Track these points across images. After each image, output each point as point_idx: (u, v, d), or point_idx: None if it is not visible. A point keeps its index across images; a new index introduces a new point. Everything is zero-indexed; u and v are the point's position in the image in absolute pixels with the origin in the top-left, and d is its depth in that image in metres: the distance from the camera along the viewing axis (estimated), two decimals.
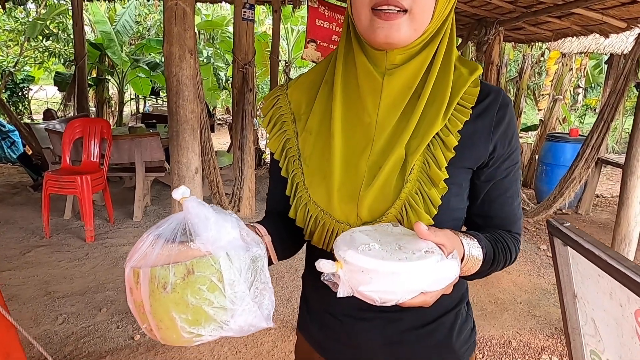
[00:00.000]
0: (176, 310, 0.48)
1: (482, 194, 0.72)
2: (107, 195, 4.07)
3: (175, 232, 0.51)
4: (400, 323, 0.75)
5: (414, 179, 0.66)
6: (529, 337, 2.58)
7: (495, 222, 0.73)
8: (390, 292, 0.51)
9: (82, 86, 5.82)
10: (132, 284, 0.51)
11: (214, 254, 0.49)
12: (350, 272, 0.52)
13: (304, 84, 0.78)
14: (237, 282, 0.50)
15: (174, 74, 2.12)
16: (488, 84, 0.71)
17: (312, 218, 0.72)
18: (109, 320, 2.56)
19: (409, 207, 0.66)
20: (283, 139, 0.77)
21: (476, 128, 0.68)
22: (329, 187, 0.69)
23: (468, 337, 0.79)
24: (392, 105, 0.68)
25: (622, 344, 0.59)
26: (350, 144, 0.69)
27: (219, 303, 0.49)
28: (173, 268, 0.48)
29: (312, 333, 0.84)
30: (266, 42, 8.82)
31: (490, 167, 0.70)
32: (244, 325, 0.51)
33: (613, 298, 0.58)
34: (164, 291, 0.48)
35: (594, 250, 0.57)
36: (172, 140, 2.22)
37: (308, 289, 0.86)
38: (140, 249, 0.51)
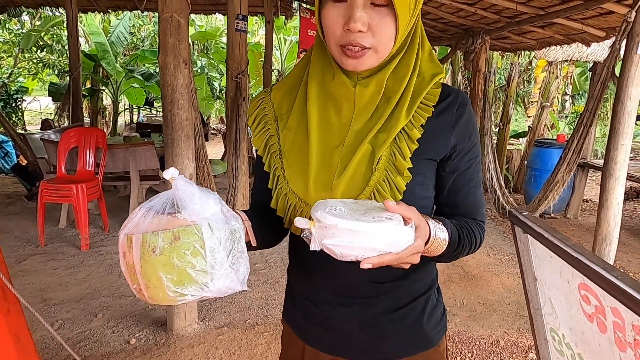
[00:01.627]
0: (163, 271, 0.54)
1: (447, 185, 0.79)
2: (102, 204, 4.11)
3: (164, 205, 0.58)
4: (374, 308, 0.81)
5: (382, 168, 0.73)
6: (516, 336, 2.65)
7: (461, 210, 0.80)
8: (349, 247, 0.58)
9: (77, 96, 5.87)
10: (125, 249, 0.57)
11: (198, 223, 0.56)
12: (319, 228, 0.60)
13: (285, 87, 0.85)
14: (217, 249, 0.57)
15: (169, 83, 2.19)
16: (449, 86, 0.79)
17: (291, 207, 0.78)
18: (104, 325, 2.60)
19: (377, 193, 0.73)
20: (266, 136, 0.84)
21: (438, 124, 0.75)
22: (306, 178, 0.76)
23: (439, 321, 0.85)
24: (363, 108, 0.76)
25: (571, 317, 0.66)
26: (326, 139, 0.77)
27: (200, 267, 0.55)
28: (162, 234, 0.55)
29: (295, 320, 0.91)
30: (259, 52, 8.93)
31: (454, 160, 0.77)
32: (222, 288, 0.58)
33: (562, 276, 0.65)
34: (153, 254, 0.54)
35: (545, 235, 0.65)
36: (167, 148, 2.28)
37: (292, 280, 0.93)
38: (133, 219, 0.58)
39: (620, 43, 2.35)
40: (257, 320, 2.69)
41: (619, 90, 2.31)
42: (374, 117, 0.75)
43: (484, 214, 0.83)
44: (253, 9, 5.96)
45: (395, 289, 0.81)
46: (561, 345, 0.72)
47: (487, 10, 3.84)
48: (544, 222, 0.67)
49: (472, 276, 3.47)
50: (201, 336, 2.49)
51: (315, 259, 0.80)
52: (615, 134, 2.33)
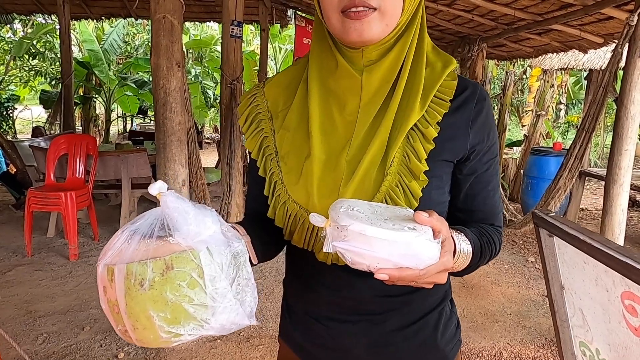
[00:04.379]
0: (154, 308, 0.45)
1: (464, 189, 0.72)
2: (92, 213, 4.00)
3: (152, 227, 0.48)
4: (384, 325, 0.73)
5: (394, 171, 0.66)
6: (519, 348, 2.57)
7: (478, 216, 0.73)
8: (360, 254, 0.50)
9: (69, 104, 5.79)
10: (105, 282, 0.48)
11: (194, 248, 0.47)
12: (333, 229, 0.53)
13: (281, 82, 0.77)
14: (218, 278, 0.48)
15: (162, 85, 2.12)
16: (465, 78, 0.72)
17: (291, 217, 0.71)
18: (92, 339, 2.48)
19: (390, 200, 0.65)
20: (260, 137, 0.76)
21: (455, 121, 0.68)
22: (308, 184, 0.68)
23: (453, 335, 0.78)
24: (371, 102, 0.68)
25: (610, 330, 0.59)
26: (329, 141, 0.69)
27: (199, 300, 0.46)
28: (151, 264, 0.46)
29: (295, 339, 0.82)
30: (254, 61, 8.92)
31: (472, 160, 0.70)
32: (225, 324, 0.49)
33: (599, 284, 0.58)
34: (140, 288, 0.45)
35: (578, 236, 0.58)
36: (159, 153, 2.21)
37: (291, 294, 0.84)
38: (114, 246, 0.49)
39: (622, 47, 2.32)
40: (251, 333, 2.58)
41: (622, 94, 2.28)
42: (381, 111, 0.67)
43: (501, 219, 0.76)
44: (248, 17, 5.94)
45: (407, 304, 0.73)
46: None
47: (484, 17, 3.82)
48: (576, 223, 0.60)
49: (472, 286, 3.40)
50: (193, 350, 2.38)
51: (317, 271, 0.72)
52: (619, 139, 2.29)
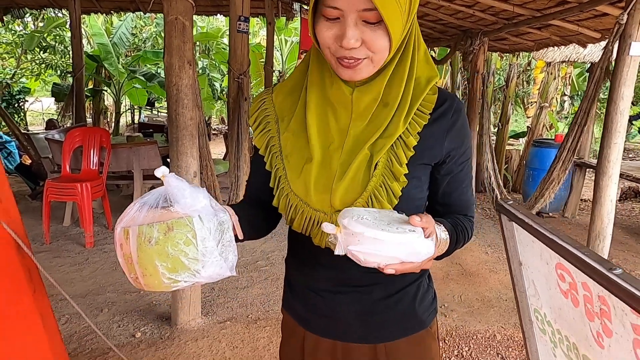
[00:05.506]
0: (159, 259, 0.59)
1: (442, 187, 0.84)
2: (106, 203, 4.17)
3: (157, 200, 0.63)
4: (371, 295, 0.87)
5: (379, 174, 0.77)
6: (512, 331, 2.71)
7: (453, 209, 0.85)
8: (373, 255, 0.63)
9: (80, 97, 5.93)
10: (122, 241, 0.62)
11: (189, 215, 0.61)
12: (346, 235, 0.64)
13: (286, 89, 0.88)
14: (207, 238, 0.61)
15: (174, 83, 2.26)
16: (444, 91, 0.82)
17: (292, 207, 0.82)
18: (110, 320, 2.66)
19: (374, 197, 0.77)
20: (267, 137, 0.87)
21: (433, 130, 0.79)
22: (307, 181, 0.80)
23: (429, 305, 0.91)
24: (361, 114, 0.79)
25: (550, 296, 0.72)
26: (325, 144, 0.80)
27: (192, 255, 0.60)
28: (157, 226, 0.59)
29: (295, 309, 0.95)
30: (260, 53, 9.00)
31: (448, 163, 0.81)
32: (212, 274, 0.63)
33: (542, 258, 0.71)
34: (149, 244, 0.59)
35: (526, 220, 0.71)
36: (172, 146, 2.35)
37: (291, 271, 0.97)
38: (129, 213, 0.63)
39: (613, 44, 2.41)
40: (259, 315, 2.75)
41: (612, 91, 2.37)
42: (372, 123, 0.78)
43: (473, 210, 0.89)
44: (254, 10, 6.03)
45: (390, 278, 0.84)
46: (543, 324, 0.77)
47: (484, 12, 3.90)
48: (527, 210, 0.73)
49: (470, 273, 3.53)
50: (205, 330, 2.55)
51: (315, 253, 0.85)
52: (608, 133, 2.39)
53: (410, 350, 0.88)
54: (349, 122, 0.79)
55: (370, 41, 0.69)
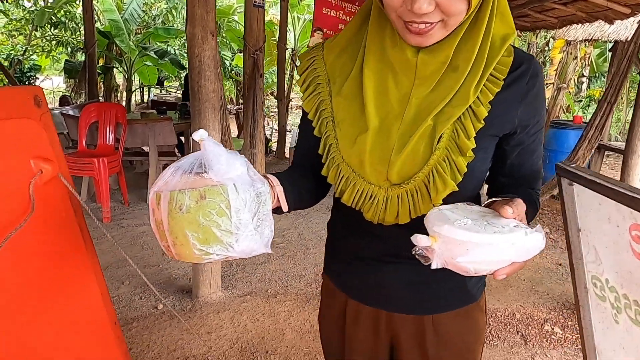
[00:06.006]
0: (189, 228, 0.55)
1: (510, 158, 0.76)
2: (122, 178, 4.19)
3: (192, 165, 0.58)
4: (422, 267, 0.82)
5: (443, 147, 0.69)
6: (532, 309, 2.70)
7: (520, 181, 0.77)
8: (485, 262, 0.55)
9: (93, 73, 5.92)
10: (154, 206, 0.58)
11: (223, 183, 0.56)
12: (446, 245, 0.56)
13: (339, 46, 0.80)
14: (242, 210, 0.56)
15: (197, 54, 2.22)
16: (520, 51, 0.72)
17: (343, 178, 0.77)
18: (132, 292, 2.69)
19: (436, 173, 0.70)
20: (317, 100, 0.80)
21: (506, 97, 0.69)
22: (361, 151, 0.73)
23: (480, 278, 0.88)
24: (425, 80, 0.70)
25: (618, 260, 0.70)
26: (383, 112, 0.72)
27: (225, 227, 0.55)
28: (188, 192, 0.55)
29: (339, 275, 0.92)
30: (271, 31, 8.87)
31: (519, 134, 0.73)
32: (245, 249, 0.58)
33: (611, 221, 0.69)
34: (179, 211, 0.55)
35: (595, 180, 0.68)
36: (193, 119, 2.33)
37: (336, 236, 0.93)
38: (162, 178, 0.59)
39: None
40: (278, 290, 2.76)
41: None
42: (437, 89, 0.70)
43: (540, 182, 0.82)
44: None
45: None
46: (603, 291, 0.76)
47: None
48: (593, 170, 0.71)
49: None
50: (226, 303, 2.57)
51: (365, 224, 0.80)
52: None
53: (458, 323, 0.86)
54: (411, 88, 0.71)
55: (445, 4, 0.61)
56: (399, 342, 0.88)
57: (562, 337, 2.43)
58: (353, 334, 0.91)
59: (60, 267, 0.69)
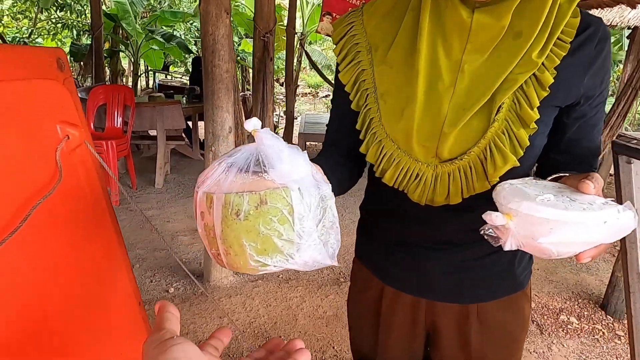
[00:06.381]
0: (247, 237, 0.48)
1: (568, 133, 0.69)
2: (130, 162, 4.15)
3: (248, 161, 0.50)
4: (465, 253, 0.77)
5: (502, 118, 0.63)
6: (547, 299, 2.66)
7: (577, 159, 0.70)
8: (570, 243, 0.49)
9: (99, 56, 5.85)
10: (204, 208, 0.51)
11: (287, 187, 0.49)
12: (524, 223, 0.50)
13: (381, 10, 0.73)
14: (306, 217, 0.50)
15: (210, 32, 2.15)
16: (586, 13, 0.66)
17: (386, 156, 0.71)
18: (142, 275, 2.67)
19: (494, 147, 0.64)
20: (357, 70, 0.73)
21: (572, 63, 0.63)
22: (409, 125, 0.67)
23: (527, 264, 0.83)
24: (480, 46, 0.63)
25: None
26: (433, 81, 0.66)
27: (287, 235, 0.49)
28: (247, 196, 0.48)
29: (374, 260, 0.87)
30: (279, 16, 8.73)
31: (582, 105, 0.66)
32: (308, 260, 0.51)
33: None
34: (236, 218, 0.48)
35: None
36: (206, 99, 2.27)
37: (372, 219, 0.87)
38: (213, 175, 0.51)
39: None
40: (289, 276, 2.73)
41: None
42: (495, 57, 0.63)
43: (598, 161, 0.75)
44: None
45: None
46: None
47: None
48: None
49: None
50: (237, 288, 2.55)
51: (406, 207, 0.75)
52: None
53: (504, 312, 0.81)
54: (462, 54, 0.64)
55: None
56: (438, 330, 0.83)
57: (579, 327, 2.39)
58: (388, 322, 0.86)
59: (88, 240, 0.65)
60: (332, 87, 1.12)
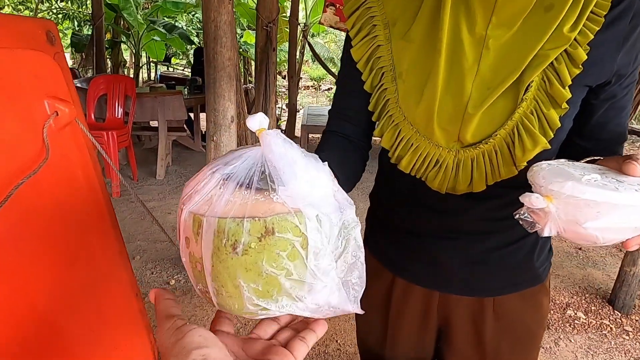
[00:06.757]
0: (245, 277, 0.38)
1: (596, 115, 0.65)
2: (131, 153, 4.11)
3: (251, 174, 0.39)
4: (483, 243, 0.73)
5: (530, 97, 0.59)
6: (553, 294, 2.62)
7: (602, 144, 0.66)
8: (619, 229, 0.44)
9: (100, 47, 5.79)
10: (190, 233, 0.40)
11: (302, 212, 0.38)
12: (567, 206, 0.44)
13: None
14: (323, 251, 0.39)
15: (212, 19, 2.10)
16: None
17: (403, 140, 0.66)
18: (143, 267, 2.64)
19: (523, 128, 0.59)
20: (372, 46, 0.67)
21: (605, 39, 0.58)
22: (430, 106, 0.62)
23: (546, 257, 0.79)
24: (507, 20, 0.58)
25: None
26: (455, 60, 0.61)
27: (298, 274, 0.38)
28: (248, 224, 0.37)
29: (384, 251, 0.82)
30: (282, 7, 8.64)
31: (613, 85, 0.62)
32: (322, 305, 0.41)
33: None
34: (232, 252, 0.37)
35: None
36: (208, 88, 2.22)
37: (384, 210, 0.83)
38: (203, 189, 0.40)
39: None
40: None
41: None
42: (523, 32, 0.58)
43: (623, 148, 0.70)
44: None
45: (510, 226, 0.72)
46: None
47: None
48: None
49: None
50: None
51: (423, 195, 0.71)
52: None
53: (522, 306, 0.77)
54: (486, 29, 0.59)
55: None
56: (451, 325, 0.79)
57: (586, 322, 2.35)
58: (399, 316, 0.82)
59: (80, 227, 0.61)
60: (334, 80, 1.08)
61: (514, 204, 0.70)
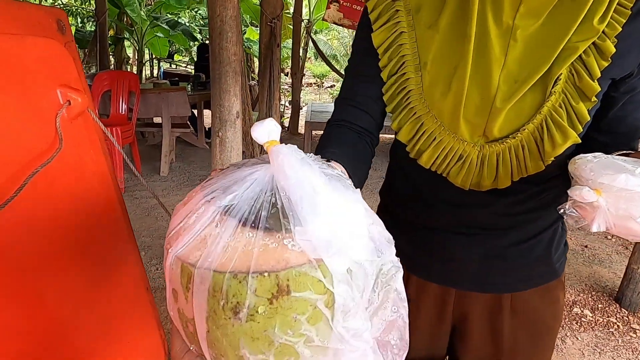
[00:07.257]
0: (251, 347, 0.29)
1: (614, 109, 0.63)
2: (135, 149, 4.11)
3: (257, 207, 0.30)
4: (501, 239, 0.72)
5: (559, 90, 0.58)
6: None
7: (620, 139, 0.64)
8: None
9: (104, 43, 5.78)
10: (177, 285, 0.31)
11: (327, 264, 0.29)
12: (618, 200, 0.43)
13: None
14: (354, 310, 0.30)
15: (218, 13, 2.08)
16: None
17: (424, 134, 0.64)
18: (147, 262, 2.63)
19: (552, 122, 0.58)
20: (394, 32, 0.64)
21: (631, 31, 0.57)
22: (457, 99, 0.60)
23: (563, 252, 0.78)
24: (534, 10, 0.57)
25: None
26: (482, 51, 0.59)
27: (321, 340, 0.29)
28: (254, 281, 0.28)
29: (397, 247, 0.80)
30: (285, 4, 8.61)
31: (635, 77, 0.60)
32: None
33: None
34: (234, 317, 0.28)
35: None
36: (214, 83, 2.21)
37: (396, 202, 0.81)
38: (195, 225, 0.30)
39: None
40: None
41: None
42: (550, 22, 0.57)
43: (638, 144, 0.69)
44: None
45: (527, 222, 0.71)
46: None
47: None
48: None
49: None
50: None
51: (441, 189, 0.69)
52: None
53: (539, 302, 0.76)
54: (513, 19, 0.58)
55: None
56: (467, 322, 0.78)
57: (593, 319, 2.34)
58: (412, 314, 0.80)
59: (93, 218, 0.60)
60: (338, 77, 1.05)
61: (534, 199, 0.69)
